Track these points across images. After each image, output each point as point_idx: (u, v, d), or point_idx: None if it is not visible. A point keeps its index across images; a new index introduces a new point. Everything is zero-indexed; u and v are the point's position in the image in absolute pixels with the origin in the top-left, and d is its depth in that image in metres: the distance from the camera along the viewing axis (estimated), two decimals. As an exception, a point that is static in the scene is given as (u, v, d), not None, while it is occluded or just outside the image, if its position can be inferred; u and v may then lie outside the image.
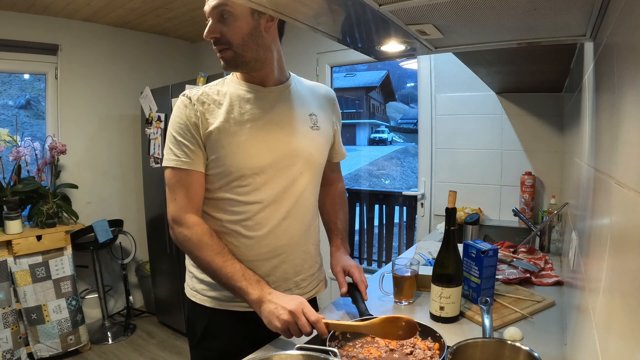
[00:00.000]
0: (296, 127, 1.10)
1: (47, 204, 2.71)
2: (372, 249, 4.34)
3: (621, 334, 0.42)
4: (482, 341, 0.86)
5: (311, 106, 1.16)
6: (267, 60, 1.06)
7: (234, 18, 0.98)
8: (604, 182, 0.60)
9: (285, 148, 1.07)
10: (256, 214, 1.06)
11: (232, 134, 1.03)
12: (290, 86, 1.14)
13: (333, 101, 1.26)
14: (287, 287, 1.13)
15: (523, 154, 2.32)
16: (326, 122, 1.19)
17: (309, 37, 3.03)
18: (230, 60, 1.03)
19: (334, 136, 1.25)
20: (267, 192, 1.06)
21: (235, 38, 0.99)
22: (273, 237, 1.08)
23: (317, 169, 1.16)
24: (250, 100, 1.07)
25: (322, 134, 1.16)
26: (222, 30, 0.99)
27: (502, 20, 0.82)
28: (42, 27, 2.90)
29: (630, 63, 0.46)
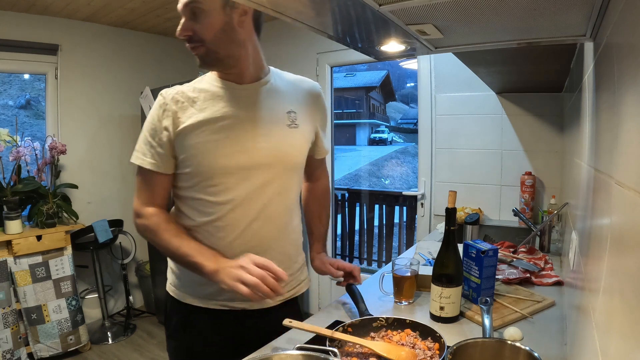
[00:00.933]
0: (272, 125, 1.06)
1: (47, 204, 2.71)
2: (372, 249, 4.34)
3: (621, 334, 0.42)
4: (482, 341, 0.86)
5: (290, 103, 1.11)
6: (241, 57, 1.03)
7: (205, 14, 0.96)
8: (604, 182, 0.60)
9: (258, 148, 1.04)
10: (226, 214, 1.04)
11: (203, 133, 1.02)
12: (268, 82, 1.09)
13: (317, 96, 1.20)
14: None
15: (523, 154, 2.33)
16: (307, 119, 1.14)
17: (309, 37, 3.03)
18: (204, 58, 1.01)
19: (317, 133, 1.20)
20: (238, 192, 1.04)
21: (207, 34, 0.97)
22: (244, 238, 1.05)
23: (293, 169, 1.12)
24: (224, 98, 1.05)
25: (301, 132, 1.12)
26: (194, 27, 0.97)
27: (502, 20, 0.82)
28: (42, 27, 2.90)
29: (630, 63, 0.46)
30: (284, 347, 1.00)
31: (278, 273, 0.94)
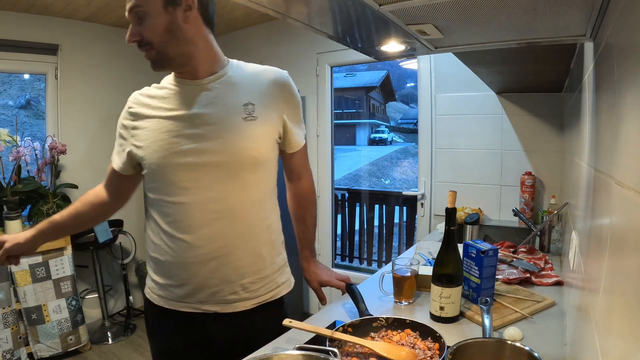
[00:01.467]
0: (226, 120, 1.02)
1: (47, 204, 2.71)
2: (372, 249, 4.34)
3: (621, 333, 0.42)
4: (482, 341, 0.86)
5: (248, 95, 1.05)
6: (192, 53, 1.01)
7: (148, 17, 0.95)
8: (604, 182, 0.60)
9: (211, 144, 1.00)
10: (185, 215, 1.01)
11: (154, 133, 1.02)
12: (224, 76, 1.05)
13: (282, 85, 1.12)
14: (232, 290, 1.05)
15: (523, 154, 2.33)
16: (268, 110, 1.06)
17: (309, 37, 3.03)
18: (155, 60, 1.01)
19: (284, 124, 1.11)
20: (194, 191, 1.01)
21: (154, 36, 0.97)
22: (207, 238, 1.02)
23: (256, 163, 1.04)
24: (178, 96, 1.04)
25: (260, 124, 1.04)
26: (141, 31, 0.97)
27: (502, 20, 0.82)
28: (42, 27, 2.90)
29: (630, 63, 0.46)
30: (284, 347, 1.00)
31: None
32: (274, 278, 1.13)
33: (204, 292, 1.04)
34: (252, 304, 1.08)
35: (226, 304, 1.06)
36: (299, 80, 3.14)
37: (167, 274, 1.07)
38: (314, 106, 3.14)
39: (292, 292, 1.22)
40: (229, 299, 1.05)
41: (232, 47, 3.56)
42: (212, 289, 1.04)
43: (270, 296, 1.12)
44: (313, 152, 3.18)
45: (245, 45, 3.45)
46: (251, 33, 3.41)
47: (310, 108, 3.16)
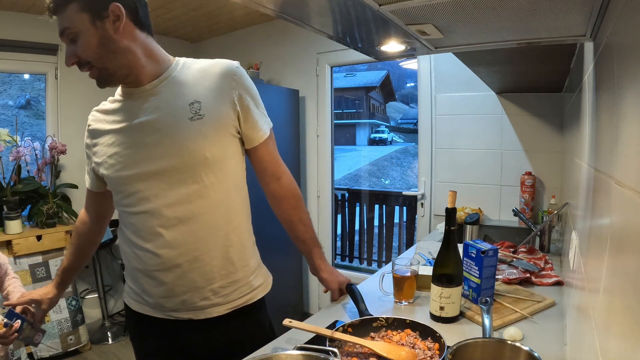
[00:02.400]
0: (172, 123, 0.98)
1: (47, 204, 2.71)
2: (372, 249, 4.34)
3: (621, 333, 0.42)
4: (482, 341, 0.86)
5: (194, 93, 1.00)
6: (131, 62, 0.98)
7: (79, 36, 0.94)
8: (604, 182, 0.60)
9: (161, 150, 0.97)
10: (145, 224, 1.00)
11: (108, 146, 1.03)
12: (168, 77, 1.02)
13: (232, 75, 1.03)
14: (202, 296, 1.02)
15: (523, 154, 2.33)
16: (217, 105, 1.00)
17: (309, 37, 3.03)
18: (99, 78, 1.00)
19: (239, 117, 1.03)
20: (153, 200, 0.99)
21: (89, 54, 0.95)
22: (168, 246, 0.99)
23: (207, 164, 0.99)
24: (126, 105, 1.03)
25: (208, 122, 0.98)
26: (76, 52, 0.95)
27: (502, 21, 0.82)
28: (42, 27, 2.88)
29: (630, 63, 0.46)
30: (284, 347, 1.00)
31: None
32: (248, 281, 1.08)
33: (173, 300, 1.02)
34: (225, 309, 1.05)
35: (198, 311, 1.03)
36: (299, 80, 3.14)
37: (138, 281, 1.06)
38: (314, 106, 3.14)
39: (292, 292, 1.22)
40: (201, 305, 1.03)
41: (232, 47, 3.56)
42: (180, 296, 1.02)
43: (244, 300, 1.08)
44: (313, 152, 3.18)
45: (245, 45, 3.45)
46: (251, 33, 3.41)
47: (310, 108, 3.16)
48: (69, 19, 0.93)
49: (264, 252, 1.20)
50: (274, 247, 2.97)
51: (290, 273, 3.08)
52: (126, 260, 1.08)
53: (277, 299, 3.00)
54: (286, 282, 3.03)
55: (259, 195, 1.21)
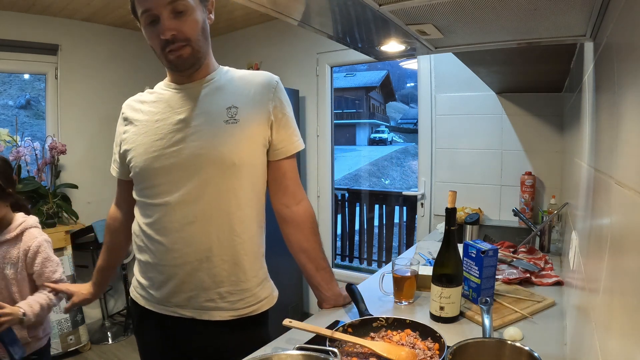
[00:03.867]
0: (206, 123, 1.00)
1: (47, 204, 2.71)
2: (372, 249, 4.34)
3: (621, 333, 0.42)
4: (482, 341, 0.86)
5: (233, 97, 1.02)
6: (207, 53, 1.02)
7: (190, 11, 0.93)
8: (604, 182, 0.60)
9: (190, 147, 0.98)
10: (163, 216, 1.01)
11: (138, 136, 1.04)
12: (212, 80, 1.05)
13: (272, 87, 1.05)
14: (208, 297, 1.02)
15: (523, 154, 2.33)
16: (252, 113, 1.01)
17: (309, 37, 3.03)
18: (187, 59, 0.98)
19: (272, 127, 1.04)
20: (172, 193, 0.99)
21: (193, 33, 0.95)
22: (182, 242, 1.00)
23: (233, 167, 0.99)
24: (166, 99, 1.05)
25: (242, 128, 1.00)
26: (181, 27, 0.93)
27: (502, 21, 0.82)
28: (42, 27, 2.90)
29: (630, 63, 0.46)
30: (284, 347, 1.00)
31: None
32: (255, 292, 1.07)
33: (180, 296, 1.03)
34: (229, 316, 1.04)
35: (202, 311, 1.03)
36: (299, 80, 3.14)
37: (148, 275, 1.07)
38: (314, 106, 3.14)
39: (292, 292, 1.22)
40: (206, 306, 1.03)
41: (232, 47, 3.56)
42: (188, 293, 1.02)
43: (249, 311, 1.06)
44: (313, 152, 3.18)
45: (245, 45, 3.45)
46: (251, 33, 3.41)
47: (310, 108, 3.16)
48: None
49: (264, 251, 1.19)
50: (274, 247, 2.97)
51: (290, 273, 3.08)
52: (139, 253, 1.08)
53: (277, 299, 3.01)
54: (286, 282, 3.03)
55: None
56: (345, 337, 0.92)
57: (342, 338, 0.92)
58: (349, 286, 1.23)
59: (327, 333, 0.93)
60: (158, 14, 0.93)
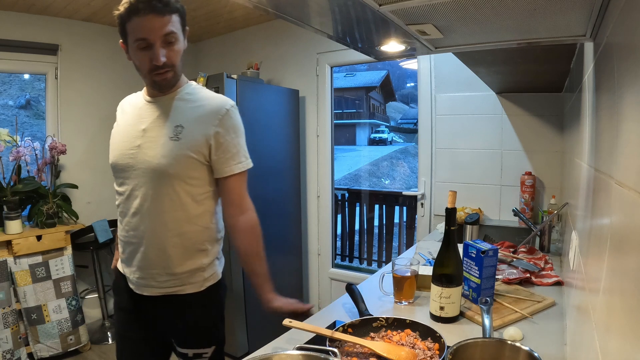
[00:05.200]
0: (157, 136, 1.17)
1: (47, 204, 2.71)
2: (372, 249, 4.34)
3: (621, 333, 0.42)
4: (482, 341, 0.86)
5: (183, 118, 1.18)
6: (178, 78, 1.21)
7: (178, 41, 1.12)
8: (604, 182, 0.60)
9: (141, 153, 1.17)
10: (122, 203, 1.24)
11: (117, 134, 1.26)
12: (175, 97, 1.21)
13: (220, 114, 1.18)
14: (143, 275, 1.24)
15: (523, 154, 2.33)
16: (195, 135, 1.16)
17: (309, 37, 3.03)
18: (170, 81, 1.17)
19: (211, 149, 1.18)
20: (125, 187, 1.22)
21: (177, 59, 1.14)
22: (129, 226, 1.22)
23: (164, 178, 1.16)
24: (141, 107, 1.24)
25: (182, 145, 1.15)
26: (169, 55, 1.12)
27: (502, 21, 0.82)
28: (42, 27, 2.90)
29: (630, 63, 0.46)
30: (284, 347, 1.00)
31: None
32: (182, 277, 1.23)
33: (129, 268, 1.25)
34: (157, 292, 1.23)
35: (139, 286, 1.24)
36: (299, 80, 3.14)
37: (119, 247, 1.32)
38: (314, 106, 3.14)
39: (292, 292, 1.23)
40: (140, 283, 1.24)
41: (232, 47, 3.56)
42: (132, 267, 1.24)
43: (174, 290, 1.24)
44: (313, 152, 3.18)
45: (245, 45, 3.45)
46: (251, 33, 3.41)
47: (310, 108, 3.16)
48: (174, 25, 1.10)
49: (265, 251, 1.23)
50: (274, 247, 2.97)
51: (290, 273, 3.08)
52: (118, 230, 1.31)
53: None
54: (286, 282, 3.03)
55: (261, 197, 1.22)
56: (345, 337, 0.92)
57: (342, 338, 0.92)
58: (349, 286, 1.23)
59: (327, 333, 0.93)
60: (153, 42, 1.09)
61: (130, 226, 1.22)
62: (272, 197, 2.82)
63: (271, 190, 2.81)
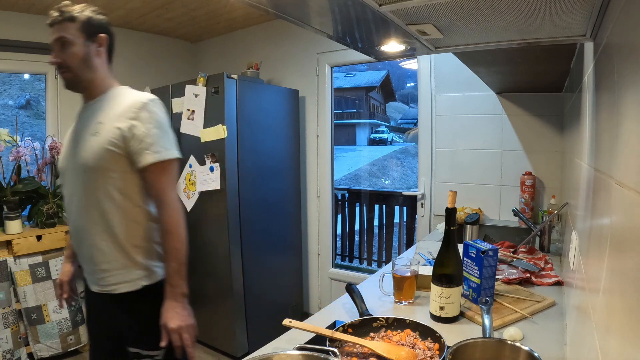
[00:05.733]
0: (84, 135, 1.25)
1: (47, 204, 2.71)
2: (372, 249, 4.34)
3: (621, 333, 0.42)
4: (482, 341, 0.86)
5: (103, 115, 1.24)
6: (92, 80, 1.28)
7: (70, 45, 1.23)
8: (604, 182, 0.60)
9: (73, 153, 1.26)
10: (65, 203, 1.33)
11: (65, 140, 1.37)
12: (99, 100, 1.29)
13: (136, 107, 1.21)
14: (85, 269, 1.32)
15: (523, 154, 2.33)
16: (111, 128, 1.20)
17: (309, 37, 3.03)
18: (70, 81, 1.27)
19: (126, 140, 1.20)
20: (65, 190, 1.31)
21: (73, 62, 1.24)
22: (70, 225, 1.31)
23: (85, 171, 1.22)
24: (79, 112, 1.36)
25: (100, 139, 1.20)
26: (63, 56, 1.23)
27: (502, 21, 0.82)
28: (42, 27, 2.88)
29: (630, 63, 0.46)
30: (284, 347, 1.00)
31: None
32: (114, 274, 1.25)
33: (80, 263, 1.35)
34: (97, 289, 1.28)
35: (87, 282, 1.33)
36: (299, 80, 3.14)
37: None
38: (314, 106, 3.14)
39: (292, 292, 1.23)
40: (87, 279, 1.32)
41: (232, 47, 3.56)
42: (79, 263, 1.35)
43: (109, 289, 1.26)
44: (313, 152, 3.18)
45: (245, 45, 3.45)
46: (251, 33, 3.41)
47: (310, 108, 3.16)
48: (67, 31, 1.24)
49: (265, 251, 1.22)
50: (274, 247, 2.97)
51: (290, 273, 3.08)
52: None
53: (277, 299, 3.01)
54: (286, 282, 3.03)
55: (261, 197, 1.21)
56: (345, 337, 0.92)
57: (342, 338, 0.92)
58: (349, 286, 1.23)
59: (327, 333, 0.93)
60: (52, 46, 1.25)
61: (71, 225, 1.31)
62: (272, 197, 2.82)
63: (271, 190, 2.81)
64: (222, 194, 2.47)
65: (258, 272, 2.71)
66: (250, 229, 2.62)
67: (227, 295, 2.58)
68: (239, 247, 2.56)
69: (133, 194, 1.25)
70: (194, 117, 2.57)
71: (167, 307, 1.22)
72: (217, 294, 2.63)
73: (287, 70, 3.20)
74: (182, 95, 2.63)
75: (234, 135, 2.50)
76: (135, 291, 1.25)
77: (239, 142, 2.53)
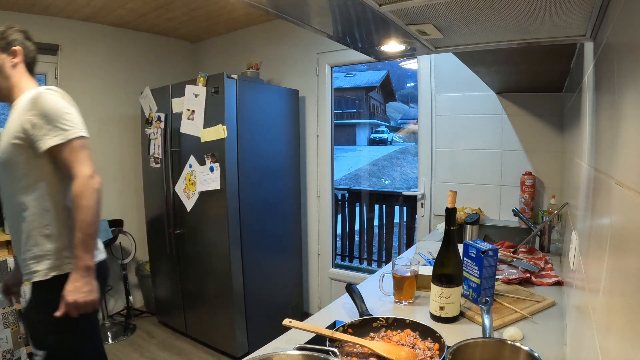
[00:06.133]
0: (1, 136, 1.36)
1: (47, 204, 2.71)
2: (372, 249, 4.34)
3: (621, 333, 0.42)
4: (482, 341, 0.86)
5: (12, 115, 1.35)
6: (10, 88, 1.38)
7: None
8: (604, 182, 0.60)
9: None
10: None
11: None
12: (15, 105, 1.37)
13: (32, 100, 1.32)
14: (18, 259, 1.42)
15: (523, 154, 2.33)
16: (14, 122, 1.33)
17: (309, 37, 3.03)
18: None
19: (25, 130, 1.30)
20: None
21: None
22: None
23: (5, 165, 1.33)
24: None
25: (6, 133, 1.33)
26: None
27: (502, 21, 0.82)
28: (42, 27, 2.90)
29: (630, 63, 0.46)
30: (284, 347, 1.00)
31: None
32: (29, 264, 1.33)
33: None
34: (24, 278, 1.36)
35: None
36: (299, 80, 3.14)
37: None
38: (314, 106, 3.14)
39: (292, 292, 1.23)
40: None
41: (232, 47, 3.56)
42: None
43: (27, 278, 1.34)
44: (313, 152, 3.18)
45: (245, 45, 3.45)
46: (251, 33, 3.41)
47: (310, 108, 3.16)
48: None
49: (265, 251, 1.21)
50: (274, 247, 2.97)
51: (290, 273, 3.08)
52: None
53: (277, 299, 3.01)
54: (286, 282, 3.03)
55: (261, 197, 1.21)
56: (345, 337, 0.92)
57: (342, 338, 0.92)
58: (349, 286, 1.23)
59: (327, 333, 0.93)
60: None
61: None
62: (272, 197, 2.82)
63: (271, 190, 2.81)
64: (222, 194, 2.47)
65: (258, 272, 2.72)
66: (250, 228, 2.62)
67: (227, 295, 2.58)
68: (239, 247, 2.56)
69: (40, 182, 1.32)
70: (194, 117, 2.57)
71: (70, 279, 1.28)
72: (217, 294, 2.63)
73: (287, 70, 3.20)
74: (182, 95, 2.63)
75: (234, 135, 2.50)
76: (46, 281, 1.30)
77: (239, 142, 2.53)
